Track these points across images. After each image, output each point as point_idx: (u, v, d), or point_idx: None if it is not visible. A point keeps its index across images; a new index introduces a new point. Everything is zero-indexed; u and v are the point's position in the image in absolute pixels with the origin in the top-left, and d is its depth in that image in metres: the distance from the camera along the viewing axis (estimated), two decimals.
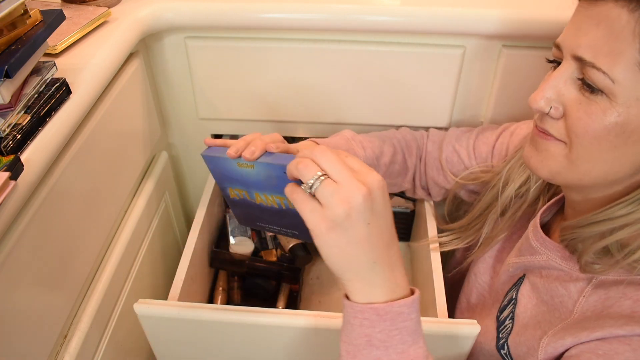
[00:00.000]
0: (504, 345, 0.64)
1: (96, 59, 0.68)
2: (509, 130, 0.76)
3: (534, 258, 0.62)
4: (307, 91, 0.88)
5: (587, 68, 0.48)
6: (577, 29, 0.49)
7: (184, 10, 0.79)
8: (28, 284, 0.55)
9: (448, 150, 0.80)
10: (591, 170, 0.52)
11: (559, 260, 0.59)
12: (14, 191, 0.49)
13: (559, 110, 0.52)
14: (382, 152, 0.78)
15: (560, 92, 0.51)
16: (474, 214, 0.75)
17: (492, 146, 0.76)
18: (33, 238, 0.55)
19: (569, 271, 0.58)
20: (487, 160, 0.77)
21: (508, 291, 0.68)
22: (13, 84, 0.55)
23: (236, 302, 0.94)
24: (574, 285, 0.58)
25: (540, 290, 0.62)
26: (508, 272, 0.67)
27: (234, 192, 0.62)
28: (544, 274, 0.62)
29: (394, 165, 0.80)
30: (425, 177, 0.83)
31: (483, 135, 0.79)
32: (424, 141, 0.83)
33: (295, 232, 0.62)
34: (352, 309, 0.46)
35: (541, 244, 0.61)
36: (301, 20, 0.79)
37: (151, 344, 0.72)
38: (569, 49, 0.50)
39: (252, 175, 0.58)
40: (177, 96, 0.92)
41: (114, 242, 0.77)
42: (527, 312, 0.62)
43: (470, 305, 0.77)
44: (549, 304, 0.60)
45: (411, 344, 0.46)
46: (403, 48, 0.82)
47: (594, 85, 0.48)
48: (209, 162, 0.61)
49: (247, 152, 0.56)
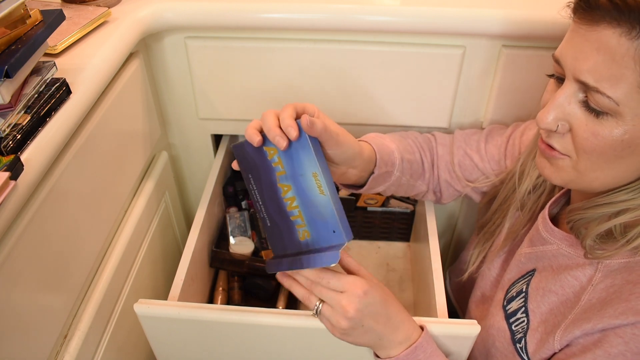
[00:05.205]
0: (522, 339, 0.65)
1: (96, 59, 0.68)
2: (518, 130, 0.77)
3: (545, 248, 0.65)
4: (307, 91, 0.88)
5: (591, 92, 0.49)
6: (577, 52, 0.50)
7: (184, 10, 0.79)
8: (28, 284, 0.55)
9: (459, 154, 0.81)
10: (599, 177, 0.54)
11: (567, 247, 0.62)
12: (14, 191, 0.49)
13: (566, 127, 0.53)
14: (405, 149, 0.79)
15: (566, 111, 0.53)
16: (492, 209, 0.77)
17: (504, 148, 0.77)
18: (33, 238, 0.55)
19: (576, 258, 0.61)
20: (500, 163, 0.78)
21: (515, 282, 0.69)
22: (13, 84, 0.55)
23: (236, 302, 0.94)
24: (582, 273, 0.60)
25: (551, 282, 0.63)
26: (520, 262, 0.69)
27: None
28: (555, 266, 0.64)
29: (414, 165, 0.79)
30: (438, 180, 0.83)
31: (493, 138, 0.80)
32: (433, 144, 0.83)
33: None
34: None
35: (550, 233, 0.64)
36: (301, 20, 0.79)
37: (151, 344, 0.72)
38: (571, 72, 0.51)
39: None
40: (177, 96, 0.92)
41: (114, 242, 0.77)
42: (541, 307, 0.64)
43: (484, 298, 0.78)
44: (559, 295, 0.62)
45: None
46: (403, 48, 0.82)
47: (599, 109, 0.49)
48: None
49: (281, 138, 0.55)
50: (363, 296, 0.58)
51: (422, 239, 0.89)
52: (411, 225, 1.07)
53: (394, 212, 1.04)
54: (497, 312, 0.70)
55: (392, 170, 0.74)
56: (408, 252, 1.09)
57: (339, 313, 0.58)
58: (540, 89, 0.84)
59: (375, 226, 1.08)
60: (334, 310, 0.58)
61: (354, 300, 0.58)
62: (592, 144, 0.51)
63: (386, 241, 1.11)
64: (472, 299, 0.81)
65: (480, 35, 0.80)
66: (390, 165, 0.74)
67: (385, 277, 1.03)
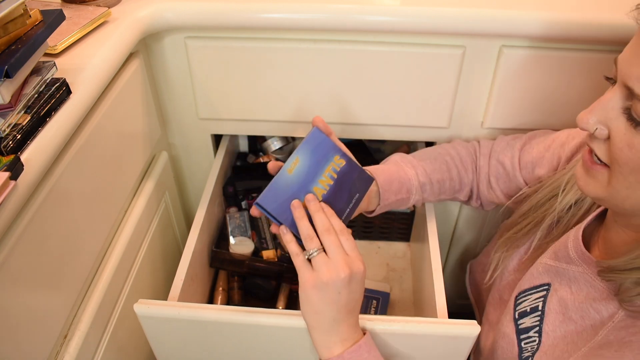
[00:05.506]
0: (529, 358, 0.64)
1: (96, 59, 0.68)
2: (558, 140, 0.75)
3: (569, 267, 0.62)
4: (307, 91, 0.88)
5: (635, 100, 0.48)
6: (633, 57, 0.48)
7: (184, 10, 0.79)
8: (28, 284, 0.55)
9: (493, 164, 0.80)
10: (631, 197, 0.52)
11: (593, 276, 0.59)
12: (14, 191, 0.49)
13: (604, 132, 0.51)
14: (434, 169, 0.80)
15: (608, 116, 0.51)
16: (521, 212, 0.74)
17: (542, 156, 0.75)
18: (33, 238, 0.55)
19: (602, 289, 0.58)
20: (534, 170, 0.75)
21: (527, 291, 0.67)
22: (13, 84, 0.55)
23: (236, 302, 0.94)
24: (605, 307, 0.57)
25: (570, 309, 0.61)
26: (537, 272, 0.66)
27: None
28: (574, 290, 0.61)
29: (448, 182, 0.81)
30: (478, 190, 0.83)
31: (530, 145, 0.78)
32: (477, 155, 0.83)
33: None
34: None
35: (579, 256, 0.61)
36: (301, 20, 0.79)
37: (151, 344, 0.72)
38: (622, 77, 0.49)
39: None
40: (177, 96, 0.92)
41: (114, 242, 0.77)
42: (557, 331, 0.62)
43: (502, 301, 0.76)
44: (578, 324, 0.59)
45: None
46: (403, 48, 0.82)
47: (638, 119, 0.48)
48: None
49: None
50: (362, 272, 0.59)
51: (422, 239, 0.89)
52: (411, 225, 1.07)
53: (394, 212, 1.04)
54: (508, 323, 0.68)
55: (407, 197, 0.78)
56: (408, 252, 1.09)
57: (332, 267, 0.57)
58: (540, 89, 0.84)
59: (375, 226, 1.08)
60: (330, 262, 0.58)
61: (353, 268, 0.58)
62: (626, 156, 0.49)
63: (386, 241, 1.11)
64: (490, 300, 0.79)
65: (480, 35, 0.80)
66: (405, 192, 0.78)
67: (385, 277, 1.03)
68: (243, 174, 1.07)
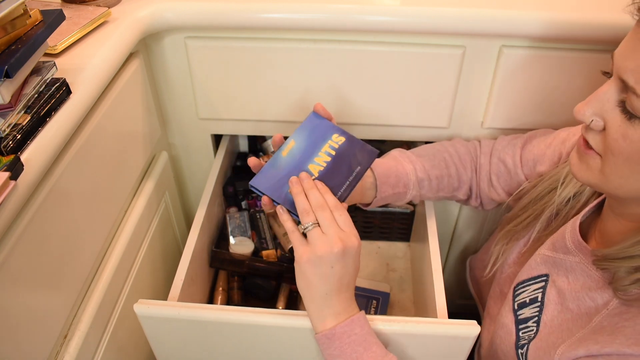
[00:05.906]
0: (524, 346, 0.64)
1: (96, 59, 0.68)
2: (559, 138, 0.75)
3: (567, 257, 0.63)
4: (307, 91, 0.88)
5: (629, 92, 0.49)
6: (628, 50, 0.49)
7: (184, 10, 0.79)
8: (28, 284, 0.55)
9: (494, 162, 0.81)
10: (623, 185, 0.53)
11: (589, 265, 0.60)
12: (14, 191, 0.49)
13: (600, 124, 0.53)
14: (433, 165, 0.80)
15: (604, 108, 0.52)
16: (521, 205, 0.74)
17: (543, 153, 0.76)
18: (33, 238, 0.55)
19: (597, 279, 0.59)
20: (535, 166, 0.76)
21: (525, 282, 0.68)
22: (13, 84, 0.55)
23: (236, 302, 0.94)
24: (600, 295, 0.58)
25: (567, 298, 0.62)
26: (535, 263, 0.68)
27: None
28: (571, 279, 0.62)
29: (447, 179, 0.81)
30: (478, 189, 0.83)
31: (531, 143, 0.79)
32: (477, 153, 0.83)
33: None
34: (316, 341, 0.62)
35: (576, 246, 0.62)
36: (301, 20, 0.79)
37: (151, 344, 0.72)
38: (617, 70, 0.50)
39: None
40: (177, 96, 0.92)
41: (114, 242, 0.77)
42: (554, 320, 0.63)
43: (502, 295, 0.77)
44: (574, 313, 0.60)
45: (363, 352, 0.60)
46: (403, 48, 0.82)
47: (632, 112, 0.49)
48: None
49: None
50: (356, 247, 0.60)
51: (422, 239, 0.89)
52: (411, 225, 1.07)
53: (394, 212, 1.04)
54: (507, 314, 0.69)
55: (404, 191, 0.78)
56: (408, 252, 1.09)
57: (326, 241, 0.58)
58: (540, 89, 0.84)
59: (375, 226, 1.08)
60: (324, 237, 0.59)
61: (347, 242, 0.59)
62: (620, 146, 0.50)
63: (386, 241, 1.11)
64: (491, 294, 0.80)
65: (480, 35, 0.80)
66: (402, 187, 0.78)
67: (385, 277, 1.03)
68: (243, 174, 1.07)
